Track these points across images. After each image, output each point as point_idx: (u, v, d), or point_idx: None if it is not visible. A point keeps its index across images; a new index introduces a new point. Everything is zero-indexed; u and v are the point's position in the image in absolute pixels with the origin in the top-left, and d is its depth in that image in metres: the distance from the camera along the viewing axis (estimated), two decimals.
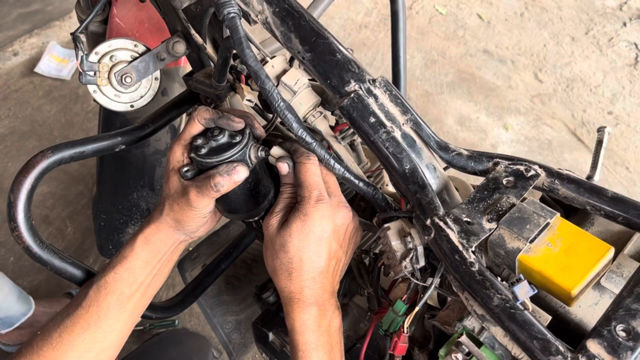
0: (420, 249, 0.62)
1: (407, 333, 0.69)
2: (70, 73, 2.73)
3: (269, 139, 0.77)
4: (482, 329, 0.57)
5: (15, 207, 0.74)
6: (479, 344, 0.58)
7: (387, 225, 0.65)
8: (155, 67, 0.91)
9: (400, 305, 0.69)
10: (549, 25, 2.97)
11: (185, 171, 0.69)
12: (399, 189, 0.66)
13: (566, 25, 2.96)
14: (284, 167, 0.70)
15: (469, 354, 0.58)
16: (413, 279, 0.64)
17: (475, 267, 0.55)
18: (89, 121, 2.55)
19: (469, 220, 0.59)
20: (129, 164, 1.60)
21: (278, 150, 0.72)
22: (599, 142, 0.79)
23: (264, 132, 0.73)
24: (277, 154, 0.72)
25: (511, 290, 0.53)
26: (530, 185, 0.61)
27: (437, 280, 0.63)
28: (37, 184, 0.76)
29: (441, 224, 0.59)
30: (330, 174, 0.71)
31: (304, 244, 0.66)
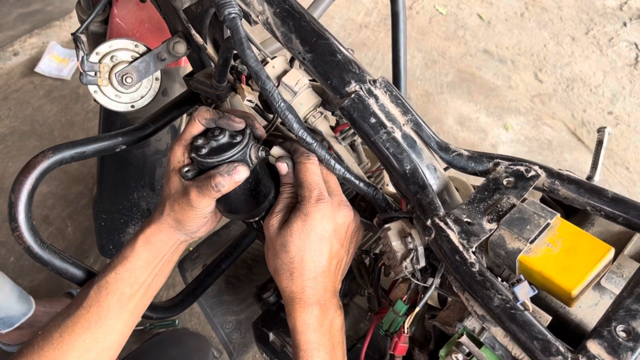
0: (421, 249, 0.62)
1: (407, 333, 0.69)
2: (70, 73, 2.73)
3: (270, 139, 0.77)
4: (483, 329, 0.57)
5: (16, 207, 0.74)
6: (479, 344, 0.58)
7: (387, 225, 0.65)
8: (155, 68, 0.91)
9: (400, 306, 0.69)
10: (549, 25, 2.97)
11: (186, 171, 0.69)
12: (400, 190, 0.66)
13: (566, 25, 2.96)
14: (283, 167, 0.70)
15: (470, 354, 0.58)
16: (413, 280, 0.64)
17: (476, 268, 0.55)
18: (90, 121, 2.55)
19: (469, 220, 0.59)
20: (130, 164, 1.60)
21: (278, 150, 0.72)
22: (599, 142, 0.79)
23: (265, 133, 0.74)
24: (277, 153, 0.72)
25: (511, 290, 0.53)
26: (530, 185, 0.61)
27: (438, 280, 0.63)
28: (38, 184, 0.76)
29: (442, 224, 0.59)
30: (330, 174, 0.71)
31: (305, 244, 0.66)
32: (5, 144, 2.48)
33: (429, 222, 0.60)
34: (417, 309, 0.66)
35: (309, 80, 0.74)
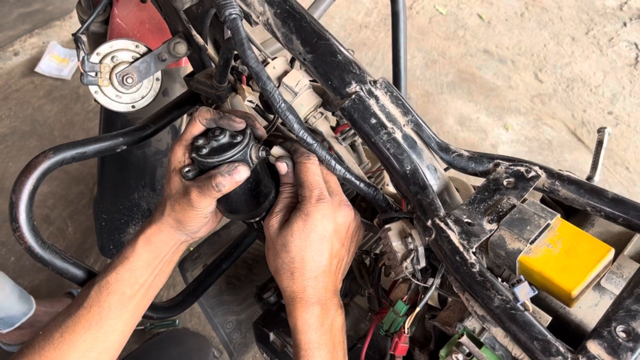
0: (421, 249, 0.62)
1: (407, 333, 0.69)
2: (70, 73, 2.73)
3: (270, 140, 0.77)
4: (483, 329, 0.57)
5: (17, 207, 0.74)
6: (479, 344, 0.58)
7: (388, 226, 0.65)
8: (156, 68, 0.91)
9: (401, 306, 0.69)
10: (549, 25, 2.97)
11: (187, 171, 0.69)
12: (400, 190, 0.66)
13: (566, 25, 2.96)
14: (283, 167, 0.71)
15: (470, 354, 0.58)
16: (414, 280, 0.64)
17: (476, 268, 0.55)
18: (90, 121, 2.55)
19: (469, 221, 0.59)
20: (130, 164, 1.60)
21: (278, 150, 0.72)
22: (599, 142, 0.79)
23: (265, 133, 0.74)
24: (277, 153, 0.72)
25: (512, 291, 0.53)
26: (530, 186, 0.61)
27: (438, 281, 0.63)
28: (39, 184, 0.76)
29: (442, 224, 0.59)
30: (331, 174, 0.71)
31: (306, 244, 0.66)
32: (5, 144, 2.48)
33: (429, 222, 0.60)
34: (418, 309, 0.66)
35: (310, 80, 0.74)
